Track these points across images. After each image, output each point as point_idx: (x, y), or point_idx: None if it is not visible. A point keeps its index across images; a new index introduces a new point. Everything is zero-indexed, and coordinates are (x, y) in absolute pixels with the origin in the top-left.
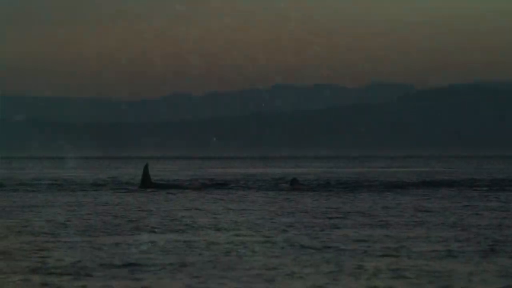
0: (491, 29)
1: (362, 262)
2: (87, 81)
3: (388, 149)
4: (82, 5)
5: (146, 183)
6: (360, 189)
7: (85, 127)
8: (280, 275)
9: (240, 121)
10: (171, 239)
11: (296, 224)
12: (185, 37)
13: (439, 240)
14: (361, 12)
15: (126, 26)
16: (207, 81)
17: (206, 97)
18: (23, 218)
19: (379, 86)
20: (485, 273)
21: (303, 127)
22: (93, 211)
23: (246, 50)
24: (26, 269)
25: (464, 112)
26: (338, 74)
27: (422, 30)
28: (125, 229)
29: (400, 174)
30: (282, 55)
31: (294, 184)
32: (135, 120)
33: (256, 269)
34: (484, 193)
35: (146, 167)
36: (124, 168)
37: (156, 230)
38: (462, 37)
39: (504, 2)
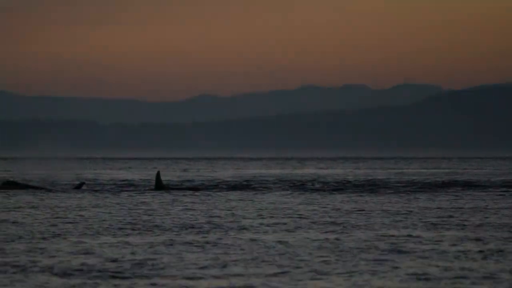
0: None
1: None
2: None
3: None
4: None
5: (159, 186)
6: (476, 189)
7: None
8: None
9: (269, 122)
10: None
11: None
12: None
13: None
14: (388, 12)
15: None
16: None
17: (233, 97)
18: None
19: (406, 87)
20: None
21: (330, 128)
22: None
23: (274, 50)
24: None
25: (495, 113)
26: (365, 75)
27: (450, 30)
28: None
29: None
30: (310, 55)
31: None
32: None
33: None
34: None
35: (158, 175)
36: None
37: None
38: (493, 37)
39: None
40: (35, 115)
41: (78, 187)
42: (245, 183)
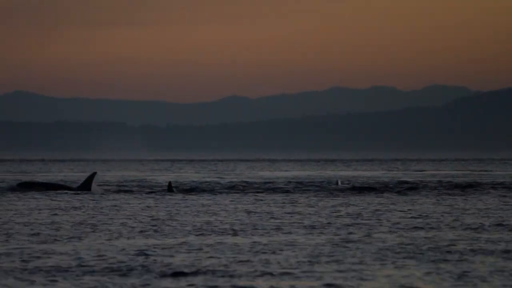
0: None
1: None
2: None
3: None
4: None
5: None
6: None
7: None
8: None
9: (298, 123)
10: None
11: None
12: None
13: None
14: (419, 13)
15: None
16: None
17: (261, 99)
18: None
19: (435, 89)
20: None
21: (360, 129)
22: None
23: (300, 53)
24: None
25: None
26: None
27: (479, 32)
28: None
29: None
30: (339, 57)
31: None
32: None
33: None
34: None
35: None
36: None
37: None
38: None
39: None
40: (64, 118)
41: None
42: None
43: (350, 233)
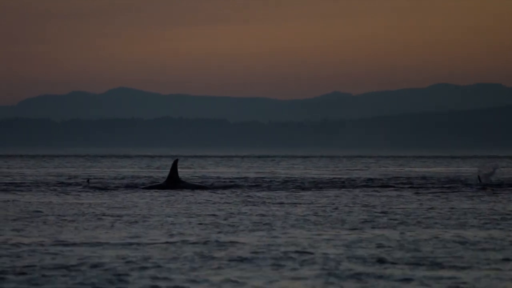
0: None
1: None
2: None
3: None
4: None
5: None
6: None
7: None
8: None
9: (398, 120)
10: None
11: None
12: (344, 38)
13: None
14: None
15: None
16: (366, 81)
17: (364, 96)
18: None
19: None
20: None
21: (463, 127)
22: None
23: (402, 49)
24: None
25: None
26: (500, 73)
27: None
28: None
29: None
30: (442, 54)
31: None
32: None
33: None
34: None
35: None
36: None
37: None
38: None
39: None
40: (167, 114)
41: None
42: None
43: None
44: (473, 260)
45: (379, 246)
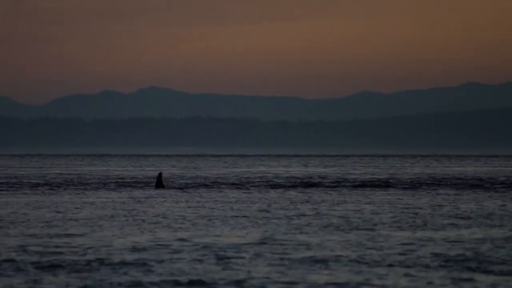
0: None
1: None
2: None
3: None
4: None
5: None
6: None
7: None
8: None
9: (430, 119)
10: None
11: None
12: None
13: None
14: None
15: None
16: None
17: (394, 95)
18: None
19: None
20: None
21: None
22: None
23: (435, 48)
24: None
25: None
26: None
27: None
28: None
29: None
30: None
31: None
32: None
33: None
34: None
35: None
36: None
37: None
38: None
39: None
40: (197, 113)
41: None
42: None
43: None
44: None
45: None
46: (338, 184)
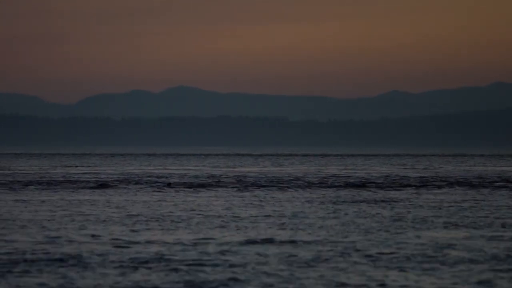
0: None
1: None
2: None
3: None
4: None
5: None
6: None
7: None
8: None
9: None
10: None
11: None
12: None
13: None
14: None
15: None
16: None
17: (423, 94)
18: None
19: None
20: None
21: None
22: None
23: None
24: None
25: None
26: None
27: None
28: None
29: None
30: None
31: None
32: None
33: None
34: None
35: None
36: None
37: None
38: None
39: None
40: (226, 112)
41: None
42: None
43: None
44: None
45: None
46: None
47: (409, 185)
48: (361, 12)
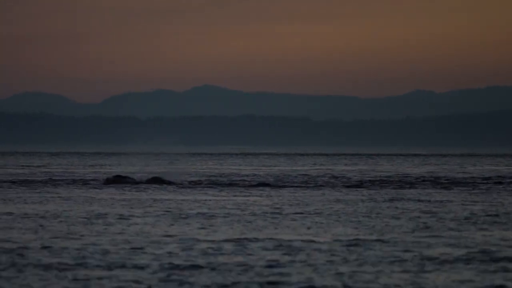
0: None
1: None
2: None
3: None
4: None
5: None
6: None
7: None
8: None
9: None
10: None
11: None
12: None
13: None
14: None
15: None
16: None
17: (447, 94)
18: None
19: None
20: None
21: None
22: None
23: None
24: None
25: None
26: None
27: None
28: None
29: None
30: None
31: None
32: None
33: None
34: None
35: None
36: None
37: None
38: None
39: None
40: (251, 112)
41: None
42: None
43: None
44: None
45: None
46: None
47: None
48: (382, 11)
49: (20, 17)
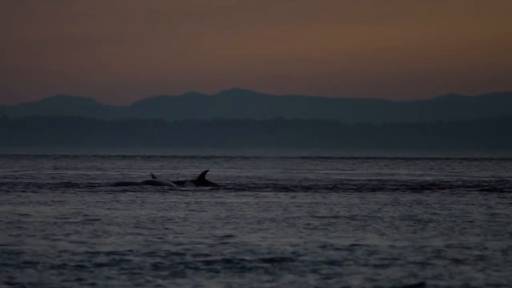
0: None
1: None
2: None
3: None
4: None
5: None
6: None
7: None
8: None
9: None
10: None
11: None
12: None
13: None
14: None
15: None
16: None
17: (480, 97)
18: None
19: None
20: None
21: None
22: None
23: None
24: None
25: None
26: None
27: None
28: None
29: None
30: None
31: None
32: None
33: None
34: None
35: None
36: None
37: None
38: None
39: None
40: (280, 115)
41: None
42: None
43: None
44: None
45: None
46: None
47: None
48: (414, 12)
49: (50, 20)
